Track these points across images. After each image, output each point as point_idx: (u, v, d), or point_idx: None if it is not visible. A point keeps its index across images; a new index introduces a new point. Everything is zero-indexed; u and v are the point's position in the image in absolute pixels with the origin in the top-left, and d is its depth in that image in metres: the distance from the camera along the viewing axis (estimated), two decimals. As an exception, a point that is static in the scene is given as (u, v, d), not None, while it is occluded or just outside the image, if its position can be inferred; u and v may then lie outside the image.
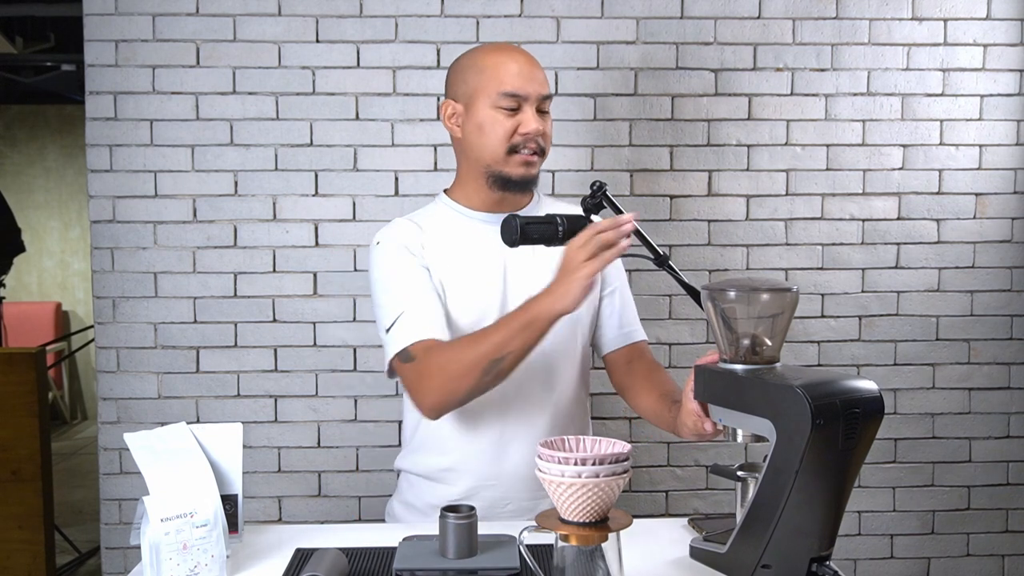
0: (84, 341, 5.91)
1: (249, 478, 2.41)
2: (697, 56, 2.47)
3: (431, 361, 1.46)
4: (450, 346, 1.47)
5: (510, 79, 1.53)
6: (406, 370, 1.50)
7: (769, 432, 1.13)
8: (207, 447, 1.34)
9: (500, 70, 1.54)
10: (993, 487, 2.58)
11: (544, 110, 1.57)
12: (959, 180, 2.53)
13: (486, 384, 1.43)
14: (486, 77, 1.54)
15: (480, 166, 1.58)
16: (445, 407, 1.48)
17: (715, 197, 2.50)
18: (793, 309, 1.21)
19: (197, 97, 2.41)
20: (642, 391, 1.63)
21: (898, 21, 2.49)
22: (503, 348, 1.39)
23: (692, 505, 2.55)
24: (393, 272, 1.56)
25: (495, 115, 1.54)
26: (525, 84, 1.53)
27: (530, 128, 1.53)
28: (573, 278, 1.32)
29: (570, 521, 1.10)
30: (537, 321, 1.37)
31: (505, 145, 1.54)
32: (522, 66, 1.54)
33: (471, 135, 1.57)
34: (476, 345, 1.41)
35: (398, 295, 1.54)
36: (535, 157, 1.56)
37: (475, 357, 1.40)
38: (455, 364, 1.42)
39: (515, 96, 1.53)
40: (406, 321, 1.50)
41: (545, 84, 1.57)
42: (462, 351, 1.43)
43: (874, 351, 2.54)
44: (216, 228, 2.44)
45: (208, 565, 1.24)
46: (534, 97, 1.54)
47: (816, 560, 1.14)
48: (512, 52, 1.58)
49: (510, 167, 1.55)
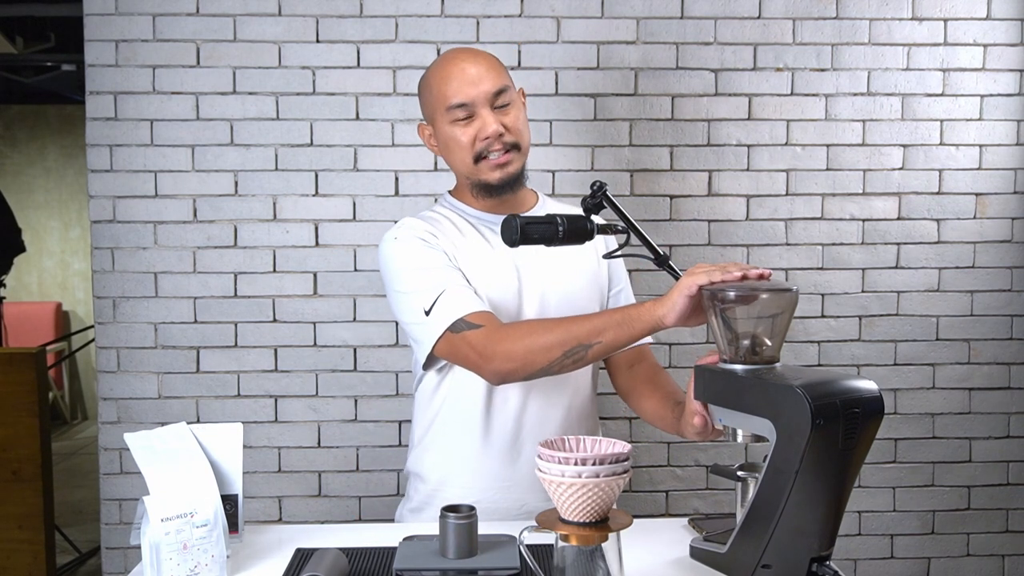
0: (84, 341, 5.91)
1: (249, 478, 2.41)
2: (697, 56, 2.47)
3: (511, 328, 1.42)
4: (538, 321, 1.45)
5: (453, 91, 1.53)
6: (470, 336, 1.44)
7: (769, 432, 1.13)
8: (207, 447, 1.34)
9: (443, 86, 1.54)
10: (993, 487, 2.58)
11: (503, 104, 1.54)
12: (959, 180, 2.53)
13: (562, 366, 1.40)
14: (434, 96, 1.56)
15: (463, 178, 1.60)
16: (515, 375, 1.43)
17: (715, 197, 2.50)
18: (793, 309, 1.21)
19: (197, 97, 2.41)
20: (644, 394, 1.62)
21: (898, 21, 2.49)
22: (596, 335, 1.35)
23: (692, 505, 2.55)
24: (419, 259, 1.53)
25: (453, 129, 1.54)
26: (469, 90, 1.52)
27: (488, 131, 1.52)
28: (679, 289, 1.26)
29: (570, 521, 1.10)
30: (637, 321, 1.33)
31: (470, 155, 1.54)
32: (463, 73, 1.53)
33: (443, 153, 1.61)
34: (570, 325, 1.38)
35: (433, 278, 1.50)
36: (508, 155, 1.54)
37: (565, 335, 1.37)
38: (542, 336, 1.38)
39: (463, 106, 1.53)
40: (451, 297, 1.47)
41: (496, 79, 1.53)
42: (552, 326, 1.39)
43: (874, 351, 2.54)
44: (216, 228, 2.44)
45: (208, 565, 1.24)
46: (483, 99, 1.52)
47: (816, 560, 1.14)
48: (454, 60, 1.56)
49: (484, 173, 1.55)
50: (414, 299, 1.51)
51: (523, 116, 1.58)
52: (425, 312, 1.48)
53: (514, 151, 1.55)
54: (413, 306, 1.51)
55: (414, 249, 1.54)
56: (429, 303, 1.48)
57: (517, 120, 1.56)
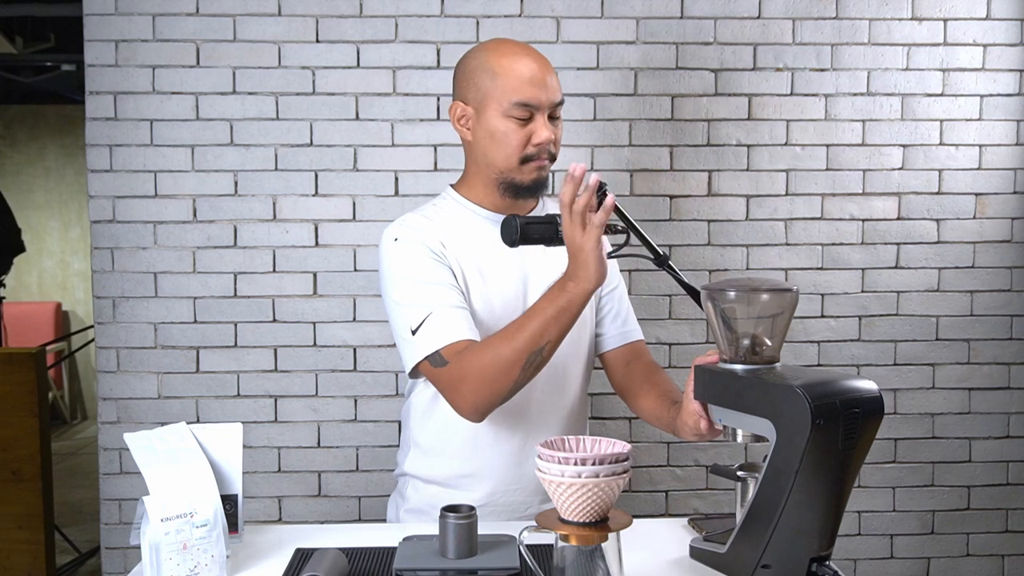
0: (84, 341, 5.91)
1: (249, 478, 2.41)
2: (697, 56, 2.47)
3: (467, 364, 1.42)
4: (485, 346, 1.43)
5: (524, 88, 1.48)
6: (440, 375, 1.46)
7: (769, 432, 1.13)
8: (207, 447, 1.34)
9: (512, 77, 1.49)
10: (993, 487, 2.58)
11: (556, 116, 1.54)
12: (959, 180, 2.53)
13: (528, 377, 1.41)
14: (498, 84, 1.50)
15: (492, 172, 1.55)
16: (490, 407, 1.45)
17: (715, 197, 2.50)
18: (793, 309, 1.21)
19: (197, 97, 2.41)
20: (641, 392, 1.62)
21: (898, 21, 2.49)
22: (541, 339, 1.37)
23: (692, 505, 2.55)
24: (416, 270, 1.51)
25: (507, 124, 1.50)
26: (539, 93, 1.49)
27: (542, 138, 1.50)
28: (583, 254, 1.30)
29: (570, 521, 1.10)
30: (571, 305, 1.35)
31: (519, 155, 1.52)
32: (535, 73, 1.50)
33: (482, 141, 1.54)
34: (512, 341, 1.38)
35: (424, 295, 1.49)
36: (546, 162, 1.54)
37: (514, 353, 1.38)
38: (494, 364, 1.39)
39: (528, 106, 1.49)
40: (435, 322, 1.46)
41: (558, 90, 1.53)
42: (499, 349, 1.39)
43: (874, 351, 2.54)
44: (216, 228, 2.44)
45: (208, 565, 1.24)
46: (547, 106, 1.50)
47: (816, 560, 1.14)
48: (525, 57, 1.52)
49: (523, 175, 1.53)
50: (405, 313, 1.50)
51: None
52: (412, 331, 1.48)
53: (551, 161, 1.55)
54: (401, 320, 1.51)
55: (413, 257, 1.52)
56: (416, 323, 1.47)
57: (561, 132, 1.57)
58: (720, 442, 2.48)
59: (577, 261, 1.32)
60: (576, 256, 1.32)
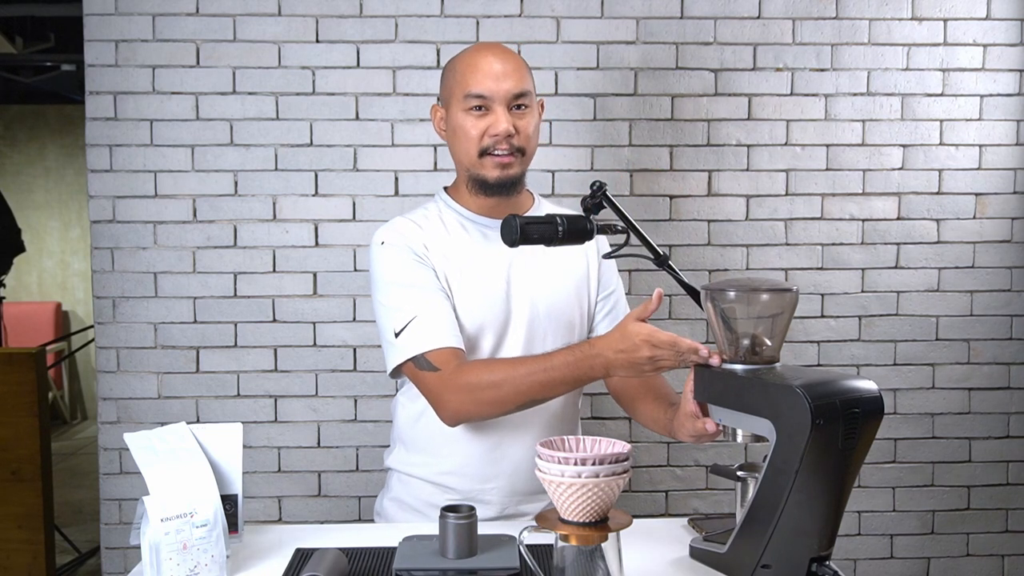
0: (84, 341, 5.91)
1: (249, 478, 2.41)
2: (697, 56, 2.47)
3: (462, 378, 1.44)
4: (487, 369, 1.44)
5: (476, 80, 1.52)
6: (427, 378, 1.48)
7: (769, 432, 1.13)
8: (207, 447, 1.34)
9: (468, 72, 1.53)
10: (993, 487, 2.58)
11: (521, 106, 1.54)
12: (959, 180, 2.53)
13: (514, 412, 1.46)
14: (456, 80, 1.55)
15: (463, 169, 1.59)
16: (468, 421, 1.51)
17: (715, 197, 2.50)
18: (793, 309, 1.21)
19: (197, 97, 2.41)
20: (638, 396, 1.62)
21: (898, 21, 2.49)
22: (548, 391, 1.41)
23: (692, 505, 2.55)
24: (402, 274, 1.54)
25: (465, 118, 1.54)
26: (492, 84, 1.51)
27: (499, 129, 1.51)
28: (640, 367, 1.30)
29: (570, 521, 1.10)
30: (588, 378, 1.39)
31: (476, 147, 1.53)
32: (491, 66, 1.52)
33: (450, 138, 1.59)
34: (517, 381, 1.40)
35: (409, 298, 1.51)
36: (511, 158, 1.54)
37: (514, 393, 1.41)
38: (491, 391, 1.42)
39: (481, 97, 1.52)
40: (420, 326, 1.48)
41: (519, 81, 1.53)
42: (501, 381, 1.41)
43: (874, 351, 2.54)
44: (216, 228, 2.44)
45: (208, 565, 1.24)
46: (502, 97, 1.52)
47: (816, 560, 1.14)
48: (484, 52, 1.55)
49: (485, 170, 1.54)
50: (389, 315, 1.52)
51: (536, 125, 1.58)
52: (395, 334, 1.51)
53: (518, 155, 1.55)
54: (386, 323, 1.53)
55: (399, 261, 1.54)
56: (400, 326, 1.50)
57: (529, 126, 1.55)
58: (720, 442, 2.47)
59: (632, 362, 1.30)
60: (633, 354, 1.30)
